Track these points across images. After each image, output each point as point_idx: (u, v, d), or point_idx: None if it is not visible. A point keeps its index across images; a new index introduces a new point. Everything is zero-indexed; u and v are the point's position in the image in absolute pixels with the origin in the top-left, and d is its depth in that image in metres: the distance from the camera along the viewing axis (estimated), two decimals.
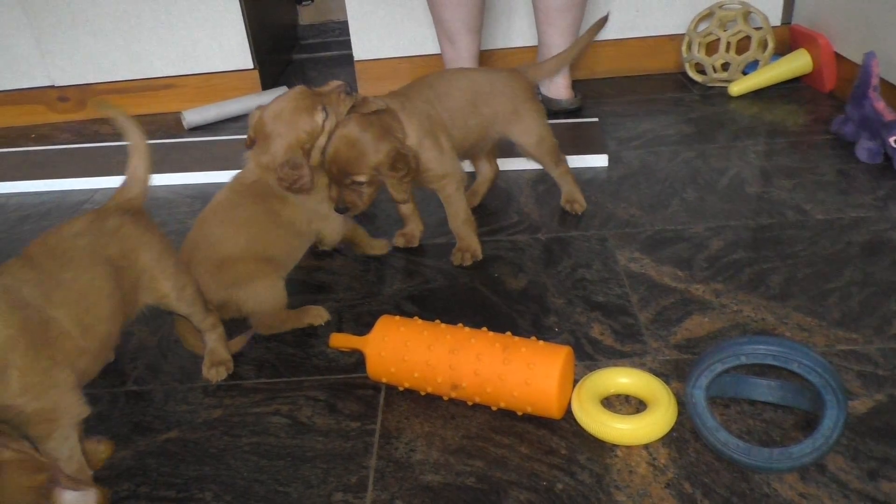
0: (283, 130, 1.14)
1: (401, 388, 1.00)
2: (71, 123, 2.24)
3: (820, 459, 0.83)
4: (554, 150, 1.37)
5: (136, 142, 1.00)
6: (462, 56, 1.86)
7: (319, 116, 1.15)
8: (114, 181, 1.72)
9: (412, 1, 2.08)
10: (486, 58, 2.11)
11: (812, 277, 1.16)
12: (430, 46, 2.13)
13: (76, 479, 0.75)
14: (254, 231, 1.14)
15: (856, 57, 1.74)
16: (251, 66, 2.19)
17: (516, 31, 2.12)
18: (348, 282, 1.27)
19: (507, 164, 1.62)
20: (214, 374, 1.06)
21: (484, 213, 1.45)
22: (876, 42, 1.68)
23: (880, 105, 1.53)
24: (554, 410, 0.90)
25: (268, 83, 2.26)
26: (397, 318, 1.02)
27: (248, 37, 2.17)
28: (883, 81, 1.63)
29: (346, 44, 2.53)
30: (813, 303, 1.10)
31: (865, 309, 1.08)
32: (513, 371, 0.91)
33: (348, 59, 2.40)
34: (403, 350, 0.97)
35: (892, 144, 1.47)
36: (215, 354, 1.08)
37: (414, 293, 1.22)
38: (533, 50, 2.07)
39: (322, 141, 1.16)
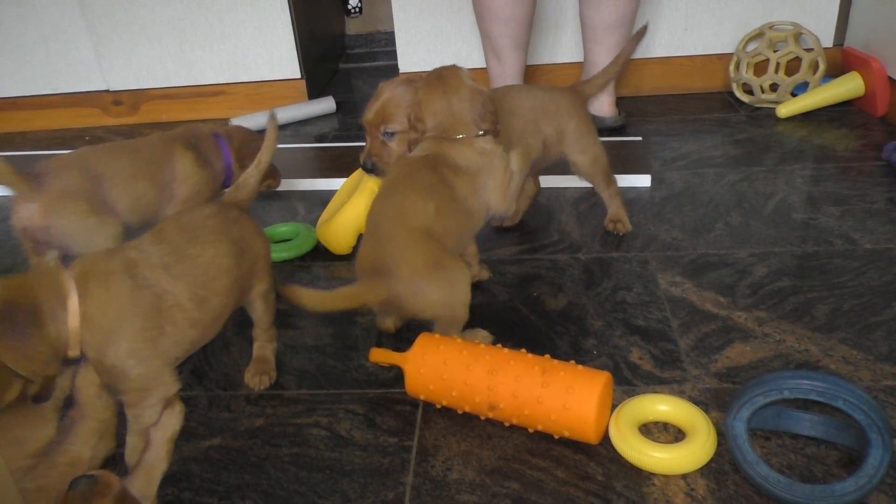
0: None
1: (438, 406, 1.01)
2: (123, 127, 2.31)
3: (863, 498, 0.82)
4: (606, 170, 1.37)
5: (261, 156, 1.08)
6: (508, 72, 1.87)
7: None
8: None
9: (460, 15, 2.10)
10: (530, 73, 2.11)
11: (859, 309, 1.14)
12: (476, 60, 2.14)
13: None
14: (437, 199, 1.08)
15: None
16: (299, 75, 2.24)
17: (562, 48, 2.13)
18: None
19: (549, 182, 1.62)
20: (257, 382, 1.09)
21: (524, 231, 1.45)
22: None
23: None
24: (591, 436, 0.91)
25: (314, 92, 2.30)
26: (437, 335, 1.03)
27: (296, 47, 2.21)
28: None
29: (392, 54, 2.56)
30: (859, 336, 1.09)
31: None
32: (551, 395, 0.91)
33: (394, 69, 2.43)
34: (442, 368, 0.98)
35: None
36: (264, 363, 1.11)
37: None
38: (578, 66, 2.07)
39: None
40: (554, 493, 0.87)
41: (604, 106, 1.90)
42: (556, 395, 0.91)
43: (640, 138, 1.81)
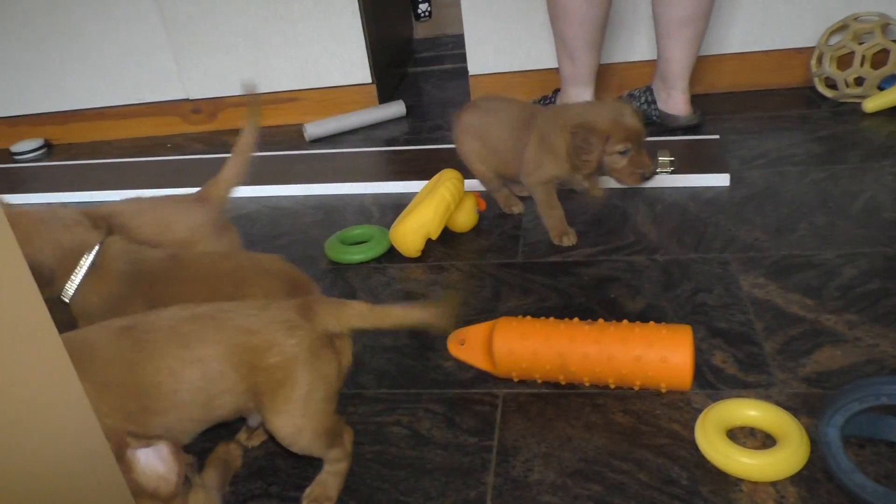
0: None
1: (532, 379, 1.01)
2: (202, 134, 2.40)
3: None
4: None
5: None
6: (581, 72, 1.86)
7: None
8: (242, 190, 1.83)
9: (529, 16, 2.10)
10: (603, 72, 2.09)
11: None
12: (546, 61, 2.13)
13: (143, 435, 0.77)
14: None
15: None
16: (370, 80, 2.28)
17: (637, 46, 2.09)
18: (464, 297, 1.29)
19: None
20: None
21: (600, 233, 1.44)
22: None
23: None
24: (688, 378, 0.96)
25: (384, 96, 2.34)
26: (514, 318, 1.07)
27: (367, 52, 2.25)
28: None
29: (461, 57, 2.57)
30: None
31: None
32: (647, 329, 0.99)
33: (462, 72, 2.45)
34: (532, 328, 1.03)
35: None
36: (322, 487, 0.92)
37: (530, 310, 1.23)
38: (652, 64, 2.04)
39: None
40: (637, 497, 0.86)
41: (679, 104, 1.86)
42: (651, 330, 0.99)
43: (717, 136, 1.77)
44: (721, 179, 1.56)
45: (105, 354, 0.81)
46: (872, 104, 1.81)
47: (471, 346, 1.07)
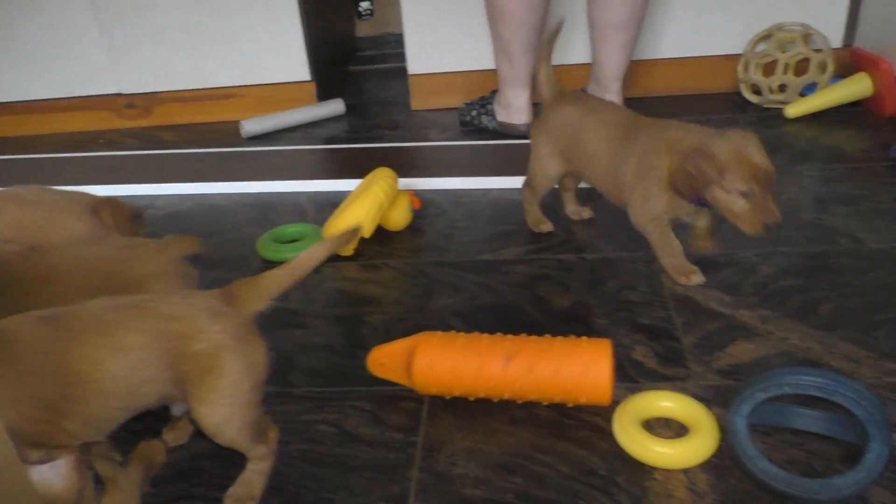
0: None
1: (447, 397, 1.02)
2: (137, 130, 2.34)
3: (861, 492, 0.83)
4: None
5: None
6: (519, 74, 1.89)
7: None
8: (176, 188, 1.80)
9: (470, 17, 2.12)
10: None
11: (863, 308, 1.15)
12: (486, 62, 2.16)
13: (47, 445, 0.74)
14: None
15: None
16: (309, 78, 2.26)
17: (573, 49, 2.13)
18: (396, 295, 1.30)
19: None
20: None
21: (531, 231, 1.47)
22: None
23: None
24: (607, 395, 0.96)
25: (324, 94, 2.32)
26: (437, 334, 1.05)
27: (306, 50, 2.23)
28: None
29: (403, 56, 2.58)
30: (862, 333, 1.09)
31: None
32: (566, 343, 0.99)
33: (404, 71, 2.45)
34: (454, 339, 1.02)
35: None
36: (246, 487, 0.92)
37: (460, 309, 1.24)
38: (588, 67, 2.08)
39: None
40: (558, 488, 0.89)
41: None
42: (570, 343, 0.99)
43: None
44: None
45: (26, 343, 0.79)
46: (794, 110, 1.89)
47: (391, 366, 1.06)
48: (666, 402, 0.95)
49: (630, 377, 1.05)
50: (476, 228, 1.49)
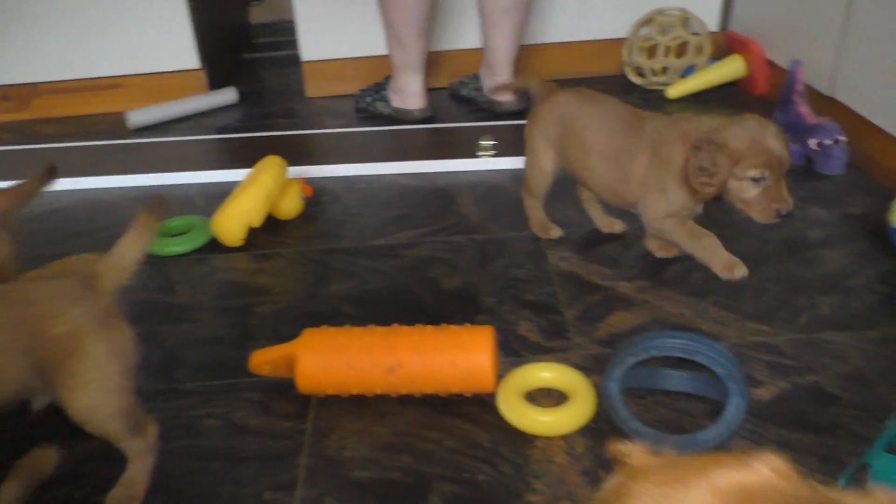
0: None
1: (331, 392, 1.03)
2: (12, 123, 2.21)
3: (724, 445, 0.88)
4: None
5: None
6: (411, 59, 1.89)
7: None
8: (56, 183, 1.70)
9: (361, 2, 2.10)
10: (436, 59, 2.14)
11: None
12: (380, 47, 2.14)
13: None
14: None
15: (785, 63, 1.81)
16: (198, 66, 2.19)
17: (466, 34, 2.15)
18: (287, 284, 1.29)
19: (448, 166, 1.65)
20: None
21: (424, 215, 1.48)
22: (802, 50, 1.76)
23: (804, 110, 1.61)
24: (490, 383, 0.96)
25: (216, 83, 2.26)
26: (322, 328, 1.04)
27: (194, 37, 2.16)
28: (808, 87, 1.71)
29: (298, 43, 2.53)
30: (729, 298, 1.16)
31: (778, 303, 1.15)
32: (448, 334, 0.98)
33: (299, 58, 2.41)
34: (335, 342, 1.00)
35: (813, 147, 1.54)
36: (128, 488, 0.88)
37: (352, 294, 1.24)
38: (480, 52, 2.11)
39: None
40: (444, 462, 0.91)
41: (503, 91, 1.94)
42: (453, 335, 0.98)
43: None
44: None
45: None
46: (675, 91, 1.98)
47: (274, 371, 1.04)
48: (546, 373, 0.99)
49: (515, 352, 1.08)
50: (369, 214, 1.50)
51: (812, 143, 1.54)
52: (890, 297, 1.15)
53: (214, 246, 1.41)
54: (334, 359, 0.98)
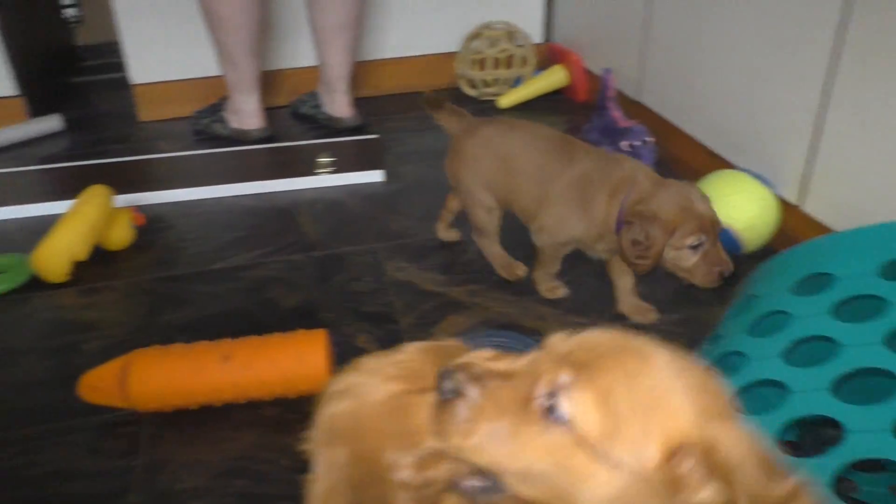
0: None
1: (169, 410, 1.01)
2: None
3: None
4: None
5: None
6: (244, 79, 1.87)
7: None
8: None
9: (190, 23, 2.05)
10: (272, 78, 2.13)
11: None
12: (215, 68, 2.10)
13: None
14: None
15: (600, 72, 1.96)
16: (15, 92, 2.05)
17: (301, 52, 2.16)
18: (118, 317, 1.25)
19: (290, 185, 1.66)
20: None
21: (263, 236, 1.48)
22: (613, 59, 1.92)
23: (616, 114, 1.75)
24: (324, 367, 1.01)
25: (39, 110, 2.12)
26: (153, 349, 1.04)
27: (9, 61, 2.02)
28: (620, 93, 1.86)
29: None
30: None
31: (594, 295, 1.25)
32: (282, 336, 1.03)
33: (126, 82, 2.32)
34: (168, 350, 1.01)
35: (625, 148, 1.68)
36: None
37: (187, 322, 1.22)
38: (316, 70, 2.12)
39: None
40: (281, 482, 0.92)
41: (342, 107, 1.97)
42: (286, 340, 1.03)
43: (377, 136, 1.91)
44: (376, 175, 1.69)
45: None
46: (506, 100, 2.09)
47: (106, 390, 1.01)
48: None
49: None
50: (207, 238, 1.47)
51: (624, 144, 1.68)
52: (690, 284, 1.28)
53: (37, 284, 1.33)
54: (168, 358, 1.00)
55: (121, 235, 1.41)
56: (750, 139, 1.45)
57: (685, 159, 1.67)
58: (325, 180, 1.67)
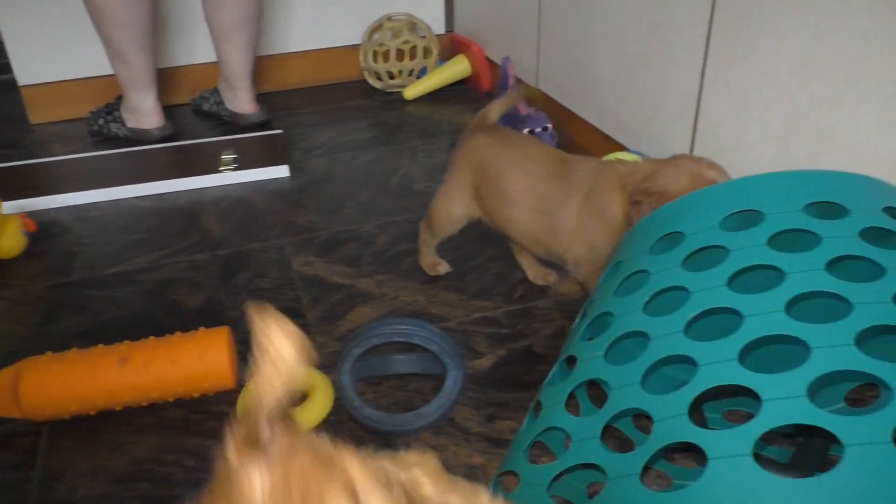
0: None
1: (67, 417, 0.98)
2: None
3: (448, 414, 0.98)
4: None
5: None
6: (138, 76, 1.81)
7: None
8: None
9: (77, 20, 1.98)
10: (170, 75, 2.07)
11: (458, 259, 1.34)
12: (105, 67, 2.04)
13: None
14: None
15: (500, 60, 2.00)
16: None
17: (198, 48, 2.11)
18: (10, 327, 1.20)
19: (192, 184, 1.63)
20: None
21: (164, 237, 1.44)
22: (512, 48, 1.96)
23: (518, 102, 1.79)
24: (230, 377, 1.01)
25: None
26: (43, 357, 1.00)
27: None
28: (520, 81, 1.91)
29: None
30: (457, 281, 1.28)
31: (498, 280, 1.28)
32: (183, 335, 1.02)
33: (12, 84, 2.21)
34: (62, 355, 0.98)
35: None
36: None
37: (84, 328, 1.19)
38: (216, 66, 2.08)
39: None
40: (184, 482, 0.91)
41: (245, 104, 1.93)
42: (188, 338, 1.01)
43: (280, 131, 1.89)
44: (281, 171, 1.67)
45: None
46: (411, 92, 2.11)
47: None
48: None
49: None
50: (104, 242, 1.43)
51: (525, 131, 1.73)
52: None
53: None
54: (61, 364, 0.97)
55: (11, 243, 1.35)
56: (640, 122, 1.52)
57: (583, 144, 1.73)
58: (230, 178, 1.64)
